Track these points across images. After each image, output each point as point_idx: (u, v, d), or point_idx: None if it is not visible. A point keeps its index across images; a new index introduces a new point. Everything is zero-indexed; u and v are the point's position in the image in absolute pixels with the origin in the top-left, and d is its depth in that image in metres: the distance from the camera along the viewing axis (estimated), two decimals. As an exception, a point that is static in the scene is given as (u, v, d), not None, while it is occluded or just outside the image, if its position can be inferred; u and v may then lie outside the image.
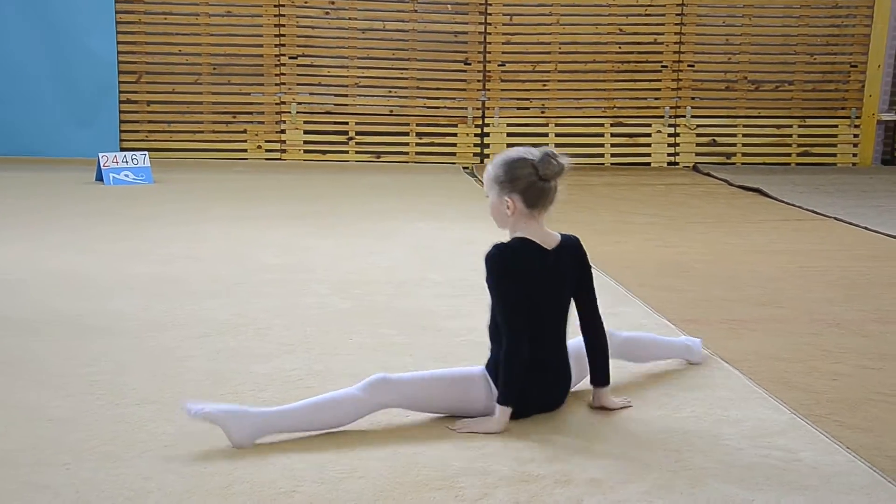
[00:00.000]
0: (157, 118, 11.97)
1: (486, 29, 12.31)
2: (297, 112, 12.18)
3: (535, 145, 11.54)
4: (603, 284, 6.20)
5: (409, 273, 6.47)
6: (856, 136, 12.90)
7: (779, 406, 4.11)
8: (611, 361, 4.09)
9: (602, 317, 4.13)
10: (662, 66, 12.62)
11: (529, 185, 4.03)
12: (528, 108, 12.46)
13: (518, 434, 3.74)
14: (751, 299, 5.99)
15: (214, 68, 12.02)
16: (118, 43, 11.64)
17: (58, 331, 4.99)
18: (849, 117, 12.88)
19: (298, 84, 12.13)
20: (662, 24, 12.53)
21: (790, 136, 12.84)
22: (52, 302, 5.55)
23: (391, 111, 12.37)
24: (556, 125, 12.46)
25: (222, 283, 6.07)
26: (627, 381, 4.39)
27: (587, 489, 3.29)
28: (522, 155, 4.03)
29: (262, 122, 12.19)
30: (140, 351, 4.70)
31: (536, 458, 3.53)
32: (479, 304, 5.55)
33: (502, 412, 3.73)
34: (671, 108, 12.66)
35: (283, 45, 12.06)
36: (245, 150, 12.16)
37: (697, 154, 12.67)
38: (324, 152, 12.22)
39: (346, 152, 12.25)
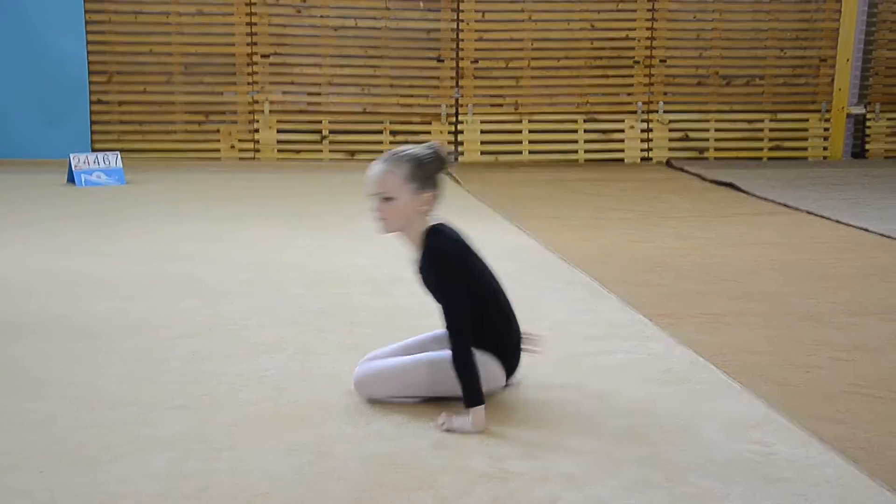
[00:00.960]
0: (129, 118, 11.93)
1: (458, 26, 12.31)
2: (270, 111, 12.15)
3: (510, 143, 11.56)
4: (578, 280, 6.24)
5: (384, 272, 6.46)
6: (826, 129, 12.97)
7: (753, 399, 4.13)
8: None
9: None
10: (634, 62, 12.65)
11: (440, 178, 4.03)
12: (501, 105, 12.47)
13: (495, 431, 3.74)
14: (724, 293, 6.01)
15: (186, 68, 11.99)
16: (88, 42, 11.60)
17: (33, 333, 4.97)
18: (819, 111, 12.96)
19: (271, 83, 12.11)
20: (634, 20, 12.57)
21: (762, 130, 12.91)
22: (26, 304, 5.52)
23: (364, 109, 12.36)
24: (530, 121, 12.47)
25: (197, 283, 6.05)
26: (601, 376, 4.40)
27: (564, 485, 3.30)
28: (420, 152, 3.97)
29: (235, 122, 12.16)
30: (116, 353, 4.69)
31: (513, 455, 3.53)
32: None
33: (476, 413, 3.74)
34: (644, 103, 12.71)
35: (255, 43, 12.04)
36: (218, 150, 12.13)
37: (670, 149, 12.71)
38: (297, 151, 12.20)
39: (321, 151, 12.24)
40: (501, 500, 3.19)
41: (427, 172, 3.94)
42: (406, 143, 11.89)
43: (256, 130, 12.12)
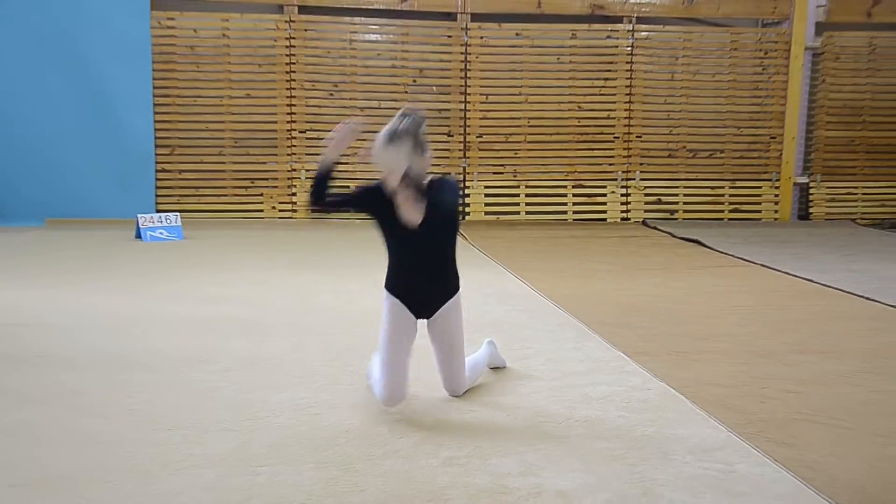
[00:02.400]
0: (188, 184, 11.97)
1: (465, 107, 12.37)
2: (306, 178, 12.19)
3: (509, 205, 11.45)
4: (567, 323, 6.22)
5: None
6: (776, 196, 12.98)
7: (717, 426, 4.12)
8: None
9: None
10: (615, 137, 12.69)
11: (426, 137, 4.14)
12: (502, 173, 12.50)
13: (496, 452, 3.73)
14: (692, 334, 5.99)
15: (235, 141, 12.05)
16: (155, 121, 11.66)
17: (103, 366, 4.97)
18: (770, 180, 12.98)
19: (307, 154, 12.15)
20: (614, 102, 12.62)
21: (722, 195, 12.92)
22: (98, 342, 5.52)
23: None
24: (526, 187, 12.50)
25: (243, 324, 6.04)
26: (588, 405, 4.38)
27: (555, 500, 3.28)
28: (409, 124, 4.07)
29: (276, 187, 12.20)
30: (173, 383, 4.68)
31: (512, 473, 3.52)
32: (473, 336, 5.55)
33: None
34: (623, 172, 12.73)
35: (294, 121, 12.10)
36: (262, 211, 12.16)
37: (646, 211, 12.72)
38: (329, 212, 12.21)
39: (349, 211, 12.24)
40: (502, 511, 3.17)
41: (423, 139, 4.09)
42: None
43: (294, 194, 12.15)
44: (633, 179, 12.77)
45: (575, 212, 12.61)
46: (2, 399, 4.36)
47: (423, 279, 4.25)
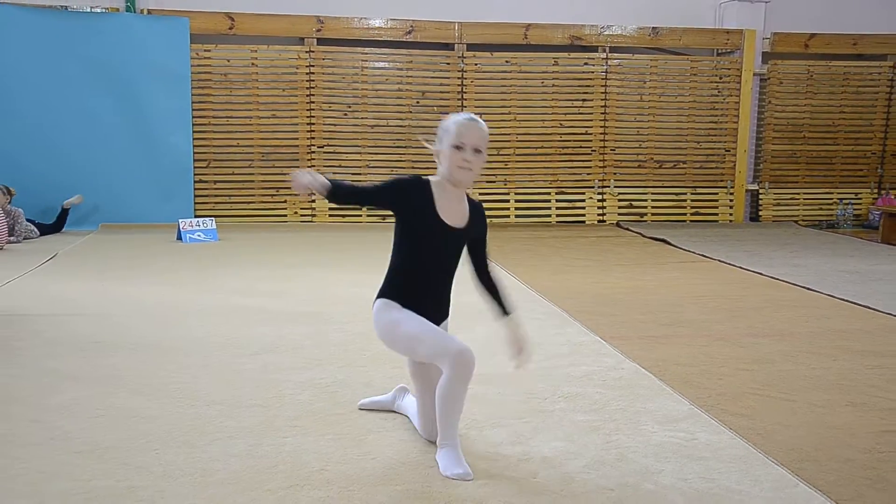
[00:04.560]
0: (221, 193, 11.95)
1: (462, 125, 12.35)
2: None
3: (500, 209, 11.46)
4: (551, 311, 6.22)
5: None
6: (731, 201, 12.98)
7: (681, 399, 4.11)
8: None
9: None
10: (592, 150, 12.68)
11: None
12: (493, 181, 12.49)
13: (490, 422, 3.72)
14: (659, 320, 5.99)
15: (263, 156, 12.03)
16: (194, 138, 11.65)
17: (147, 351, 4.97)
18: (726, 187, 12.98)
19: (325, 166, 12.13)
20: (591, 120, 12.60)
21: (685, 200, 12.91)
22: (143, 329, 5.51)
23: (393, 185, 12.34)
24: (515, 194, 12.49)
25: (269, 313, 6.04)
26: (569, 383, 4.37)
27: (542, 464, 3.28)
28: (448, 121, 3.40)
29: (298, 195, 12.14)
30: (208, 365, 4.67)
31: (504, 442, 3.51)
32: (470, 324, 5.55)
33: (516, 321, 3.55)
34: (599, 180, 12.72)
35: (313, 137, 12.07)
36: (285, 215, 12.14)
37: (619, 214, 12.71)
38: (344, 216, 12.21)
39: (361, 216, 12.24)
40: (495, 475, 3.16)
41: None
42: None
43: (313, 201, 12.11)
44: (608, 187, 12.76)
45: (557, 215, 12.59)
46: (59, 380, 4.36)
47: (434, 292, 3.42)
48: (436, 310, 3.42)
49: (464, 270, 3.54)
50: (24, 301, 6.36)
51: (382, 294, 3.42)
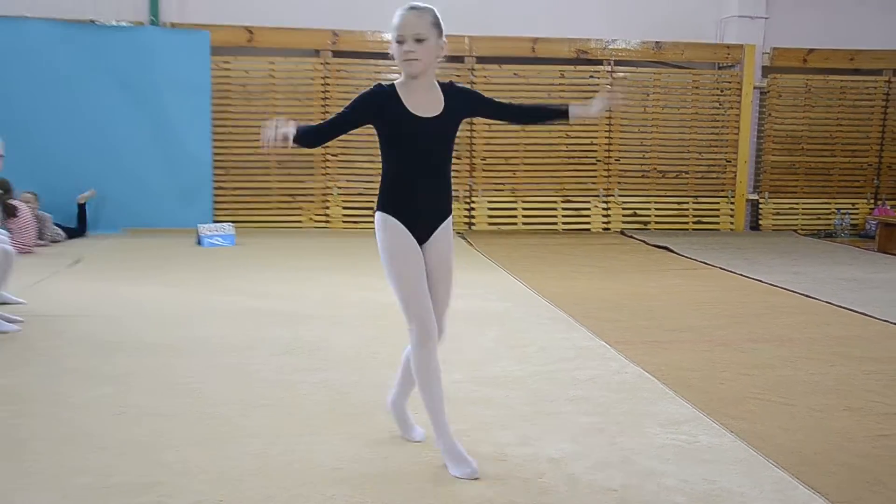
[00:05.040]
0: (240, 199, 11.95)
1: (472, 134, 12.34)
2: (338, 193, 12.19)
3: (508, 217, 11.38)
4: (558, 316, 6.20)
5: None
6: (732, 210, 12.93)
7: (683, 403, 4.09)
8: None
9: None
10: (597, 160, 12.65)
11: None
12: (502, 190, 12.46)
13: (498, 424, 3.70)
14: (662, 326, 5.97)
15: (279, 164, 12.03)
16: (213, 147, 11.66)
17: (165, 351, 4.96)
18: (727, 197, 12.93)
19: (339, 174, 12.13)
20: (597, 131, 12.57)
21: (687, 209, 12.87)
22: (160, 330, 5.51)
23: (405, 193, 12.33)
24: (523, 202, 12.46)
25: (283, 315, 6.03)
26: (575, 386, 4.35)
27: (549, 465, 3.26)
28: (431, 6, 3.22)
29: (312, 201, 12.18)
30: (224, 366, 4.67)
31: (511, 443, 3.50)
32: (477, 328, 5.54)
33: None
34: (604, 189, 12.69)
35: (328, 146, 12.07)
36: (301, 221, 12.14)
37: (623, 222, 12.67)
38: (356, 222, 12.20)
39: (373, 222, 12.21)
40: (503, 475, 3.15)
41: (441, 23, 3.22)
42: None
43: (328, 207, 12.12)
44: (613, 196, 12.73)
45: (564, 223, 12.56)
46: (80, 379, 4.36)
47: (427, 189, 3.28)
48: (432, 210, 3.30)
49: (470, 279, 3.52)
50: (49, 302, 6.37)
51: (379, 206, 3.35)
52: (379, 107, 3.27)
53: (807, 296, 7.24)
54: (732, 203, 12.96)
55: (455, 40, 11.98)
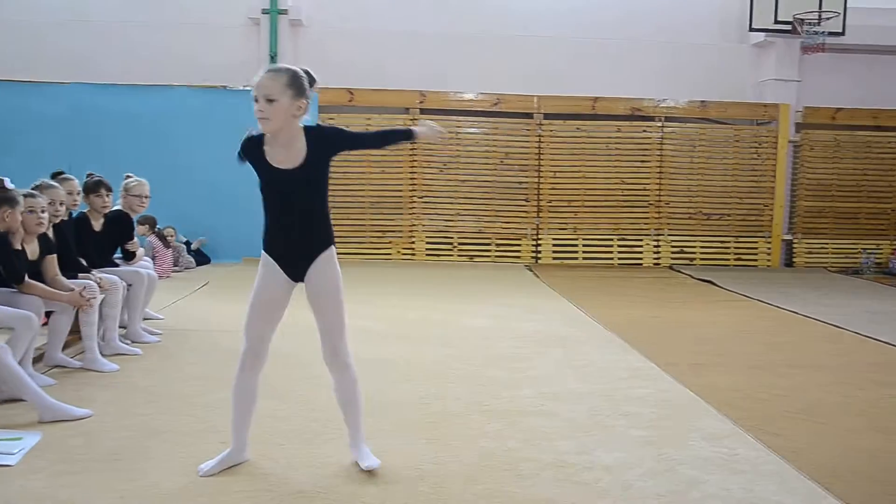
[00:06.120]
0: (339, 235, 12.07)
1: (539, 180, 12.35)
2: (423, 230, 12.31)
3: (570, 252, 11.28)
4: (613, 341, 6.13)
5: (490, 329, 6.44)
6: (769, 248, 12.68)
7: (724, 419, 4.02)
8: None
9: None
10: (649, 204, 12.54)
11: (310, 91, 3.11)
12: (565, 229, 12.42)
13: (560, 435, 3.68)
14: (707, 351, 5.87)
15: (372, 204, 12.22)
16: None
17: (281, 361, 5.01)
18: (764, 237, 12.69)
19: (423, 213, 12.26)
20: (648, 178, 12.47)
21: (729, 247, 12.64)
22: (276, 343, 5.59)
23: (480, 230, 12.42)
24: (584, 240, 12.40)
25: (371, 333, 6.08)
26: (628, 403, 4.31)
27: (603, 472, 3.24)
28: (294, 68, 3.07)
29: (401, 236, 12.31)
30: (326, 376, 4.72)
31: (571, 451, 3.48)
32: (543, 349, 5.53)
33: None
34: (655, 229, 12.56)
35: (415, 189, 12.22)
36: (390, 253, 12.28)
37: (672, 258, 12.50)
38: (438, 255, 12.29)
39: (452, 255, 12.30)
40: (562, 480, 3.14)
41: (303, 84, 3.04)
42: (505, 253, 11.81)
43: (413, 242, 12.25)
44: (662, 234, 12.58)
45: (619, 258, 12.45)
46: (209, 383, 4.48)
47: (291, 233, 3.19)
48: (298, 253, 3.21)
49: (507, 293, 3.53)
50: (183, 319, 6.56)
51: (263, 243, 3.23)
52: (249, 156, 3.14)
53: (837, 326, 7.03)
54: (769, 242, 12.70)
55: (524, 99, 12.10)
